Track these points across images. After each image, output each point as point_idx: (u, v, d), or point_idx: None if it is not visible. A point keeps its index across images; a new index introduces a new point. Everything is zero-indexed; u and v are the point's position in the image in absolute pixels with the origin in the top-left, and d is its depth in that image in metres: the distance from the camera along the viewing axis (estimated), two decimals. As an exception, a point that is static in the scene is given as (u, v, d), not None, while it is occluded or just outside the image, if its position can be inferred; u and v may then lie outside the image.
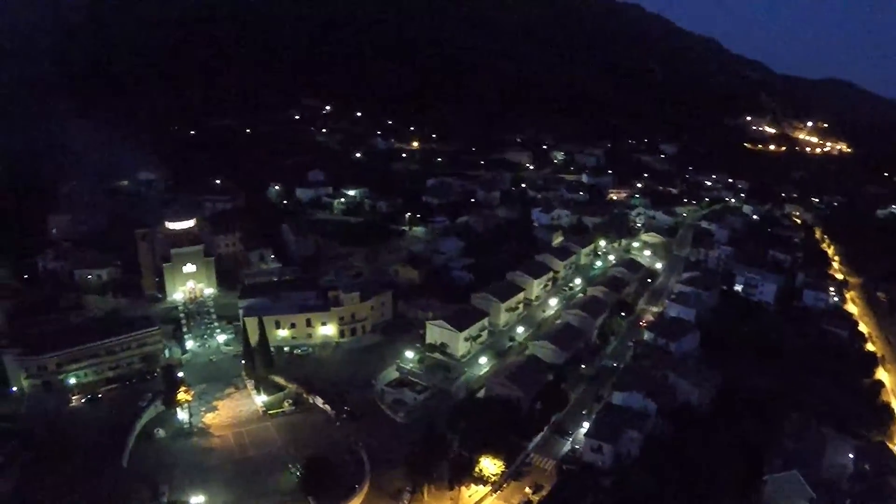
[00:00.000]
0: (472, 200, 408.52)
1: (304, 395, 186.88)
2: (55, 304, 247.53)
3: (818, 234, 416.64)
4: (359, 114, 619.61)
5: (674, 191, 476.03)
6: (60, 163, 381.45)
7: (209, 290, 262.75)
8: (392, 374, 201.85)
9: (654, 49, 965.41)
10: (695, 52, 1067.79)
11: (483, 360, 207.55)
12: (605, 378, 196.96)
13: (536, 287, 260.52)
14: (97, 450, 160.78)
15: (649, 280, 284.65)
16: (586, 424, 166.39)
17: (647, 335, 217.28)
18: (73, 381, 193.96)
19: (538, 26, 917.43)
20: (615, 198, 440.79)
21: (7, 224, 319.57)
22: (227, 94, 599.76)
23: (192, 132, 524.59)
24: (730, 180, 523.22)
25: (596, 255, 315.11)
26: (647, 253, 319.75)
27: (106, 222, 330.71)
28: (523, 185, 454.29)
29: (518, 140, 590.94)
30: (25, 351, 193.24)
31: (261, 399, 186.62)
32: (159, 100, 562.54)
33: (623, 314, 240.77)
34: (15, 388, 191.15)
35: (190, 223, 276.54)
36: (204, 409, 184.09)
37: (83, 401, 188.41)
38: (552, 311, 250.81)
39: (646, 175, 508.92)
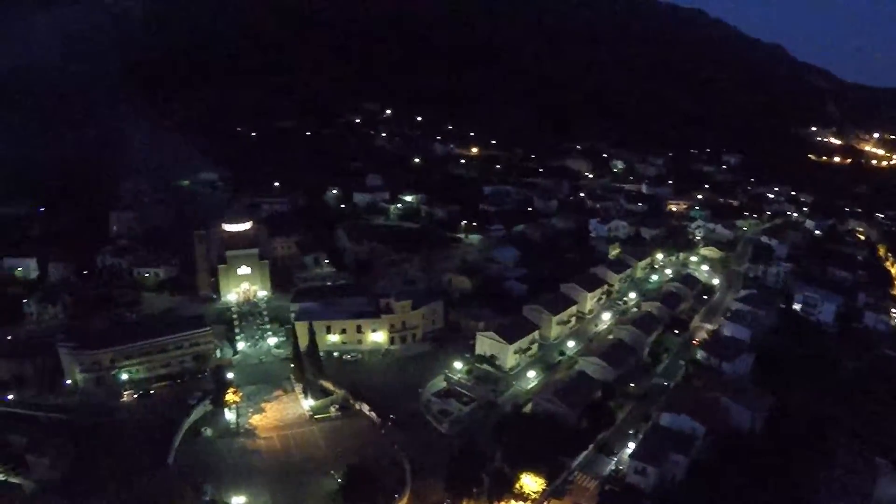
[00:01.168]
0: (530, 209, 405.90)
1: (351, 401, 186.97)
2: (112, 300, 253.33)
3: (882, 252, 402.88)
4: (419, 118, 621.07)
5: (735, 203, 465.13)
6: (123, 161, 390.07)
7: (263, 293, 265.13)
8: (440, 383, 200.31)
9: (717, 55, 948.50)
10: (759, 58, 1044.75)
11: (532, 373, 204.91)
12: (655, 397, 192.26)
13: (590, 300, 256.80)
14: (145, 445, 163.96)
15: (705, 296, 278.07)
16: (632, 445, 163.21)
17: (699, 354, 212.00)
18: (125, 377, 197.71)
19: (600, 32, 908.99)
20: (674, 209, 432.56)
21: (70, 221, 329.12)
22: (289, 96, 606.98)
23: (254, 133, 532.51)
24: (792, 193, 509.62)
25: (652, 269, 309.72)
26: (705, 267, 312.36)
27: (165, 221, 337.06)
28: (581, 195, 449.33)
29: (578, 148, 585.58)
30: (81, 346, 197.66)
31: (308, 403, 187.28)
32: (222, 101, 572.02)
33: (677, 331, 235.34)
34: (69, 382, 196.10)
35: (246, 225, 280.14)
36: (252, 410, 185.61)
37: (135, 396, 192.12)
38: (605, 326, 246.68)
39: (706, 186, 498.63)
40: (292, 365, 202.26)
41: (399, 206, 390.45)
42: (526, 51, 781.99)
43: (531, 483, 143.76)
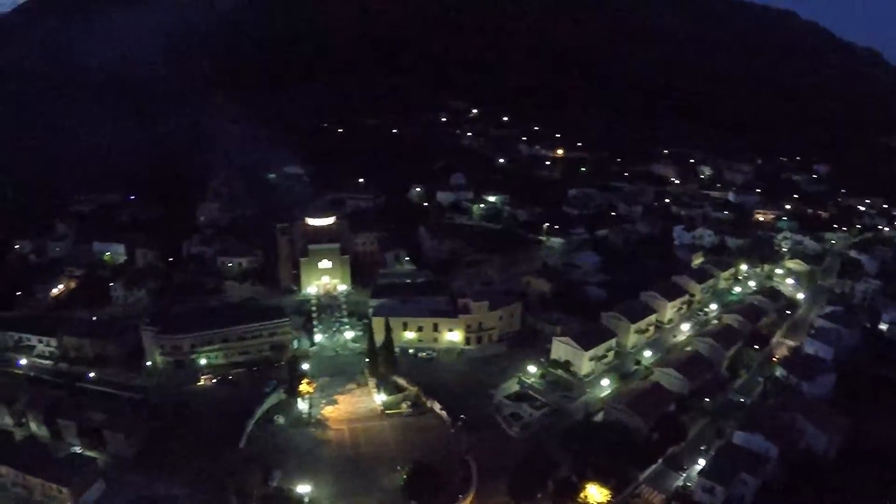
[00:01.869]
0: (613, 213, 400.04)
1: (423, 399, 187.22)
2: (196, 287, 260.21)
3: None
4: (505, 118, 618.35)
5: (824, 214, 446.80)
6: (211, 154, 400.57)
7: (343, 287, 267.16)
8: (513, 386, 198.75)
9: (808, 59, 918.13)
10: (853, 63, 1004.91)
11: (606, 381, 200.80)
12: (730, 413, 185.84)
13: (670, 310, 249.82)
14: (218, 428, 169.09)
15: (789, 311, 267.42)
16: (702, 461, 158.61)
17: (779, 371, 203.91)
18: (203, 361, 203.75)
19: (689, 33, 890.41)
20: (761, 219, 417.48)
21: (159, 209, 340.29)
22: (375, 93, 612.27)
23: (340, 130, 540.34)
24: (884, 206, 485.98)
25: (736, 280, 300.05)
26: (790, 281, 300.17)
27: (250, 213, 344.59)
28: (667, 200, 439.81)
29: (665, 152, 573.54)
30: (163, 330, 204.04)
31: (380, 398, 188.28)
32: (310, 97, 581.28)
33: (757, 346, 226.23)
34: (149, 363, 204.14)
35: (329, 220, 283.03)
36: (324, 401, 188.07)
37: (213, 381, 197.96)
38: (683, 337, 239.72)
39: (795, 196, 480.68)
40: (367, 359, 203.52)
41: (482, 206, 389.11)
42: (613, 52, 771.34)
43: (596, 493, 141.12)
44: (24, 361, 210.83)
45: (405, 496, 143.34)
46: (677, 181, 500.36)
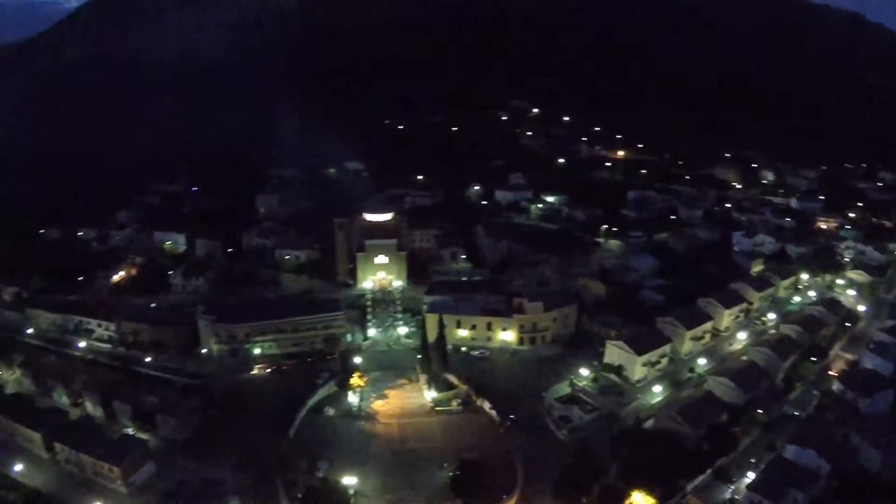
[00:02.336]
0: (673, 217, 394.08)
1: (473, 397, 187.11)
2: (254, 278, 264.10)
3: None
4: (566, 118, 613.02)
5: (888, 224, 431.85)
6: (273, 148, 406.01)
7: (398, 283, 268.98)
8: (564, 389, 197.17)
9: (876, 63, 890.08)
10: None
11: (658, 388, 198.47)
12: (783, 427, 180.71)
13: (727, 317, 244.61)
14: (269, 417, 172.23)
15: (849, 323, 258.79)
16: (752, 475, 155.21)
17: (836, 386, 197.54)
18: (258, 351, 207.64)
19: (751, 34, 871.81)
20: (824, 227, 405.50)
21: (219, 201, 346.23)
22: (438, 92, 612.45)
23: (401, 127, 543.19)
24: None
25: (796, 289, 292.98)
26: (852, 292, 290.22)
27: (310, 207, 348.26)
28: (728, 205, 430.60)
29: (727, 156, 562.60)
30: (220, 318, 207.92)
31: (430, 394, 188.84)
32: (374, 94, 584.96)
33: (814, 359, 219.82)
34: (204, 350, 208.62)
35: (387, 216, 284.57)
36: (375, 395, 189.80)
37: (267, 371, 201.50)
38: (739, 346, 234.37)
39: (859, 204, 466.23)
40: (419, 355, 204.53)
41: (540, 206, 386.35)
42: (675, 54, 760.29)
43: (641, 501, 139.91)
44: (82, 344, 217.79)
45: (451, 493, 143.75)
46: (739, 186, 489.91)
